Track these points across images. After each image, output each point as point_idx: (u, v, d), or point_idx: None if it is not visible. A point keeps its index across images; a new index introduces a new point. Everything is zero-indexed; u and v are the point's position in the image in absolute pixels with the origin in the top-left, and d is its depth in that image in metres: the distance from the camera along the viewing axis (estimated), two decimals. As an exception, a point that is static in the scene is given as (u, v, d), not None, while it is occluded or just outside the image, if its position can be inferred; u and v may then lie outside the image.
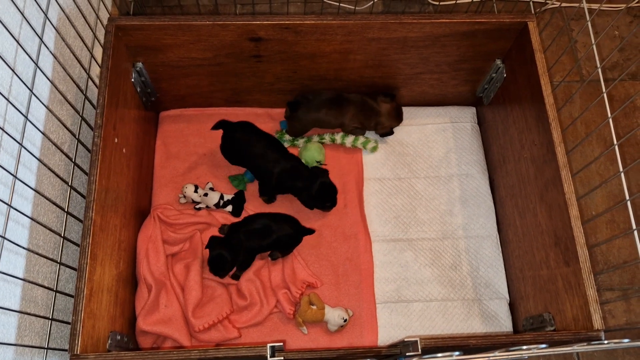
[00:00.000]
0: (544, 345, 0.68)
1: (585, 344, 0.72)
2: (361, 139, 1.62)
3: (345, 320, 1.40)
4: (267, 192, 1.55)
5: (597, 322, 1.11)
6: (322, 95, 1.57)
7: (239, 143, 1.49)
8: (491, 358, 0.75)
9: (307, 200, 1.51)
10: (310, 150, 1.58)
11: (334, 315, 1.40)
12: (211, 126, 1.63)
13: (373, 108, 1.59)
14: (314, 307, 1.41)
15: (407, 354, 0.96)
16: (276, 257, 1.48)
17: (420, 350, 0.96)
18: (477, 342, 1.06)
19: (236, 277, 1.45)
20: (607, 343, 0.70)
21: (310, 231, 1.50)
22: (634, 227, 1.10)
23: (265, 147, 1.48)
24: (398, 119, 1.63)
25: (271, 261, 1.49)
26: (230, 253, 1.38)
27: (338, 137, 1.63)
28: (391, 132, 1.62)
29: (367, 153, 1.64)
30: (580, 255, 1.16)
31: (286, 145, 1.62)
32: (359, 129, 1.63)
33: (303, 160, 1.57)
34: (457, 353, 0.68)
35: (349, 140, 1.62)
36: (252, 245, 1.42)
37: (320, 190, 1.48)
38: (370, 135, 1.66)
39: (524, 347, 0.70)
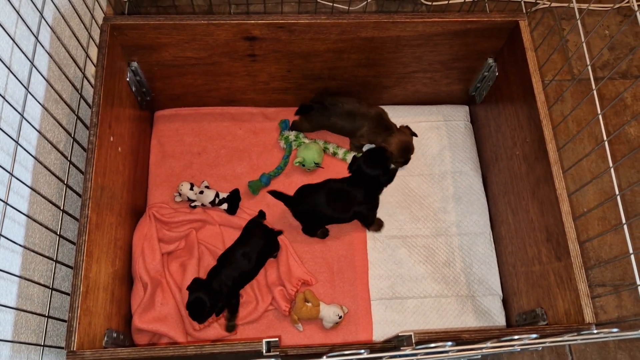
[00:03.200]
0: (534, 335, 0.70)
1: (575, 333, 0.74)
2: None
3: (340, 317, 1.41)
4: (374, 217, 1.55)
5: (589, 315, 1.13)
6: (339, 107, 1.56)
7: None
8: (483, 349, 0.76)
9: (386, 181, 1.49)
10: (311, 150, 1.59)
11: (329, 312, 1.41)
12: (207, 125, 1.65)
13: (388, 127, 1.57)
14: (309, 304, 1.42)
15: (402, 347, 0.97)
16: (275, 255, 1.50)
17: (414, 344, 0.98)
18: (470, 337, 1.08)
19: (231, 327, 1.40)
20: (597, 333, 0.71)
21: (278, 232, 1.51)
22: (624, 221, 1.12)
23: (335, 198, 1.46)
24: (403, 154, 1.56)
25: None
26: (211, 298, 1.30)
27: (340, 153, 1.64)
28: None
29: None
30: (571, 250, 1.18)
31: (293, 146, 1.64)
32: (361, 149, 1.64)
33: (300, 158, 1.57)
34: (449, 343, 0.69)
35: (350, 157, 1.63)
36: (238, 283, 1.39)
37: (375, 164, 1.45)
38: None
39: (516, 337, 0.71)
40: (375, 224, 1.55)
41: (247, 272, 1.39)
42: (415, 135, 1.59)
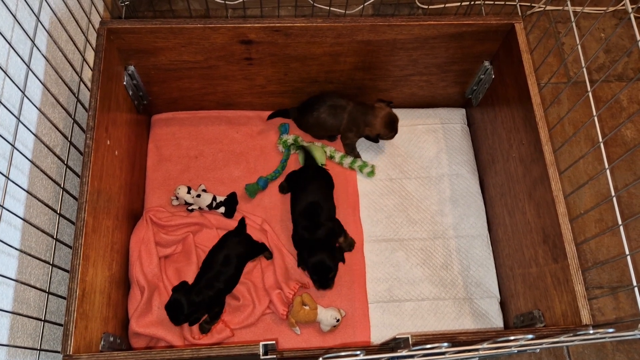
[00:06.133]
0: (530, 336, 0.70)
1: (571, 334, 0.74)
2: (359, 162, 1.63)
3: (337, 320, 1.41)
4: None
5: (586, 317, 1.13)
6: (322, 101, 1.58)
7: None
8: (480, 350, 0.76)
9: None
10: (317, 151, 1.60)
11: (326, 316, 1.41)
12: (204, 129, 1.64)
13: (367, 110, 1.57)
14: (307, 308, 1.41)
15: (398, 350, 0.97)
16: (269, 256, 1.50)
17: (411, 346, 0.97)
18: (467, 338, 1.07)
19: (204, 329, 1.38)
20: (593, 333, 0.72)
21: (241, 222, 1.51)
22: (620, 222, 1.12)
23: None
24: (390, 127, 1.57)
25: (263, 263, 1.50)
26: (189, 306, 1.31)
27: (337, 156, 1.64)
28: (376, 140, 1.61)
29: (364, 176, 1.64)
30: (568, 251, 1.18)
31: (291, 150, 1.65)
32: (355, 148, 1.64)
33: (301, 160, 1.59)
34: (445, 344, 0.69)
35: (347, 161, 1.63)
36: (220, 288, 1.36)
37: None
38: (368, 159, 1.66)
39: (511, 337, 0.71)
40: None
41: (229, 279, 1.38)
42: (391, 103, 1.59)
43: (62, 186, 1.27)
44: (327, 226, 1.45)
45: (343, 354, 0.70)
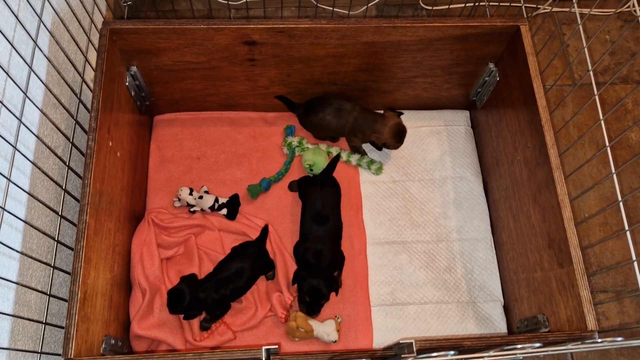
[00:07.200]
0: (538, 344, 0.69)
1: (579, 343, 0.73)
2: (366, 159, 1.62)
3: (335, 341, 1.38)
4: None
5: (591, 323, 1.12)
6: (326, 103, 1.57)
7: None
8: (486, 358, 0.75)
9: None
10: (321, 156, 1.59)
11: (322, 335, 1.38)
12: (206, 130, 1.63)
13: (376, 117, 1.56)
14: (302, 330, 1.39)
15: (403, 355, 0.96)
16: (272, 276, 1.48)
17: (415, 352, 0.96)
18: (472, 344, 1.06)
19: (203, 327, 1.39)
20: (601, 342, 0.71)
21: (264, 232, 1.49)
22: (627, 227, 1.11)
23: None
24: (398, 138, 1.56)
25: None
26: (191, 300, 1.30)
27: (344, 155, 1.63)
28: (379, 148, 1.61)
29: (371, 173, 1.64)
30: (573, 256, 1.17)
31: (296, 152, 1.64)
32: (361, 147, 1.63)
33: (311, 161, 1.57)
34: (452, 352, 0.68)
35: (354, 158, 1.63)
36: (225, 294, 1.35)
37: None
38: (375, 156, 1.65)
39: (519, 345, 0.70)
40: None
41: (237, 289, 1.38)
42: (402, 113, 1.59)
43: (63, 188, 1.27)
44: (333, 250, 1.44)
45: (348, 361, 0.69)
